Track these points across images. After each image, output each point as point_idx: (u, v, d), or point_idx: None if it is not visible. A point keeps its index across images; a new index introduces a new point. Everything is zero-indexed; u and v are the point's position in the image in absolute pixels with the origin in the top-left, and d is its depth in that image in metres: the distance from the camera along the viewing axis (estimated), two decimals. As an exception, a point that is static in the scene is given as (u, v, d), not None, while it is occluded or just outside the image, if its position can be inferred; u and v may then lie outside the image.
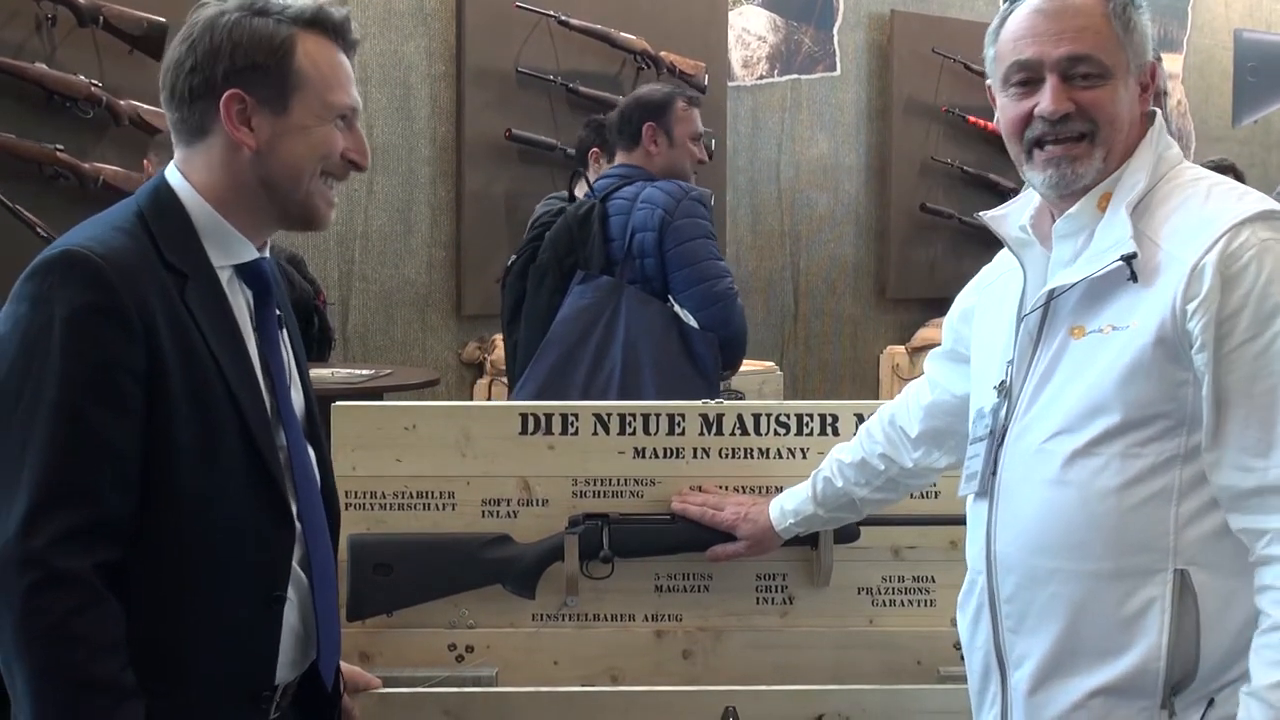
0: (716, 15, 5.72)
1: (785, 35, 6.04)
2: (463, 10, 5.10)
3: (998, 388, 1.69)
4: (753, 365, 4.86)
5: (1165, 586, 1.52)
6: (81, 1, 4.23)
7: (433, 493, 2.21)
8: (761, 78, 5.99)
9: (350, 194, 4.93)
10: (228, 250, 1.59)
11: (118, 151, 4.37)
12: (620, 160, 3.41)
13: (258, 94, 1.56)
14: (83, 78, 4.27)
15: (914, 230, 6.31)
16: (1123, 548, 1.54)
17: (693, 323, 3.19)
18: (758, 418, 2.24)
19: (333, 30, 1.61)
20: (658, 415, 2.24)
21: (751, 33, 5.95)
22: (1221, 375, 1.49)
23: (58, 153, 4.23)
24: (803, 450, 2.23)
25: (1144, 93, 1.64)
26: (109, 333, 1.44)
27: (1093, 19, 1.60)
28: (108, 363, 1.44)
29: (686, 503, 2.19)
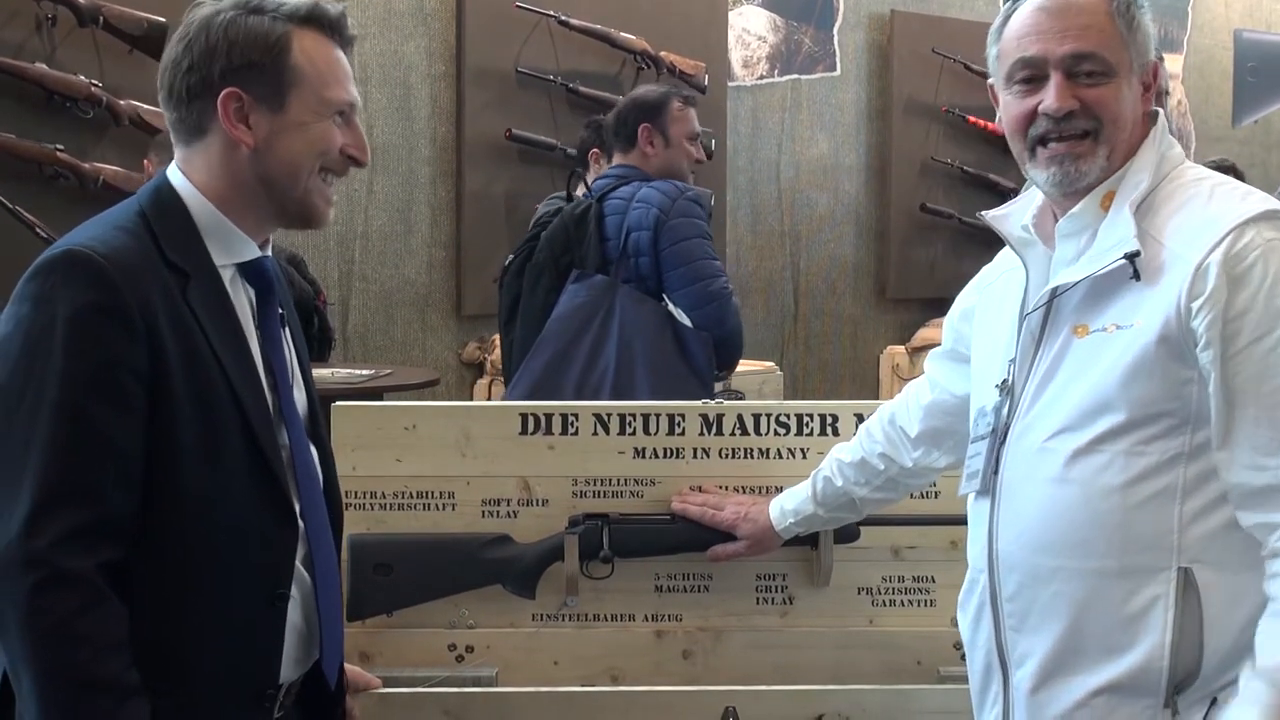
0: (716, 15, 5.72)
1: (785, 35, 6.04)
2: (463, 10, 5.09)
3: (999, 386, 1.69)
4: (753, 365, 4.86)
5: (1169, 585, 1.52)
6: (81, 1, 4.22)
7: (433, 493, 2.21)
8: (761, 78, 5.99)
9: (350, 194, 4.93)
10: (230, 249, 1.59)
11: (118, 151, 4.36)
12: (617, 161, 3.41)
13: (255, 92, 1.56)
14: (83, 78, 4.27)
15: (914, 230, 6.31)
16: (1126, 546, 1.54)
17: (687, 322, 3.19)
18: (758, 418, 2.24)
19: (328, 26, 1.61)
20: (658, 415, 2.24)
21: (751, 33, 5.95)
22: (1230, 375, 1.49)
23: (58, 153, 4.23)
24: (803, 450, 2.23)
25: (1146, 92, 1.65)
26: (111, 332, 1.44)
27: (1097, 17, 1.60)
28: (110, 362, 1.44)
29: (686, 503, 2.19)
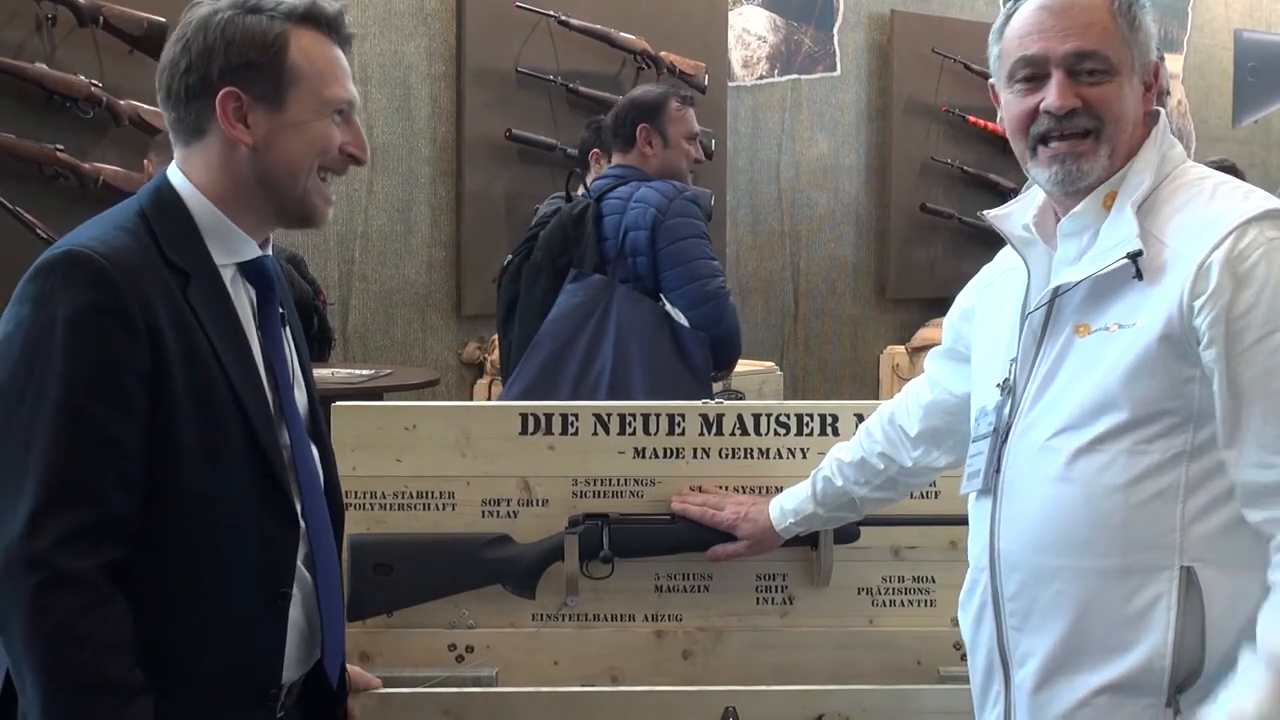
0: (716, 15, 5.72)
1: (785, 35, 6.04)
2: (463, 10, 5.09)
3: (1001, 386, 1.69)
4: (753, 365, 4.86)
5: (1171, 584, 1.52)
6: (81, 1, 4.22)
7: (433, 493, 2.21)
8: (761, 78, 5.98)
9: (350, 194, 4.93)
10: (230, 248, 1.59)
11: (118, 151, 4.36)
12: (616, 161, 3.41)
13: (253, 91, 1.55)
14: (83, 78, 4.26)
15: (914, 230, 6.31)
16: (1128, 545, 1.54)
17: (684, 321, 3.19)
18: (758, 418, 2.24)
19: (326, 25, 1.60)
20: (658, 415, 2.24)
21: (751, 33, 5.95)
22: (1237, 373, 1.49)
23: (58, 153, 4.22)
24: (803, 450, 2.23)
25: (1148, 92, 1.65)
26: (112, 332, 1.44)
27: (1099, 16, 1.60)
28: (111, 362, 1.44)
29: (686, 503, 2.19)
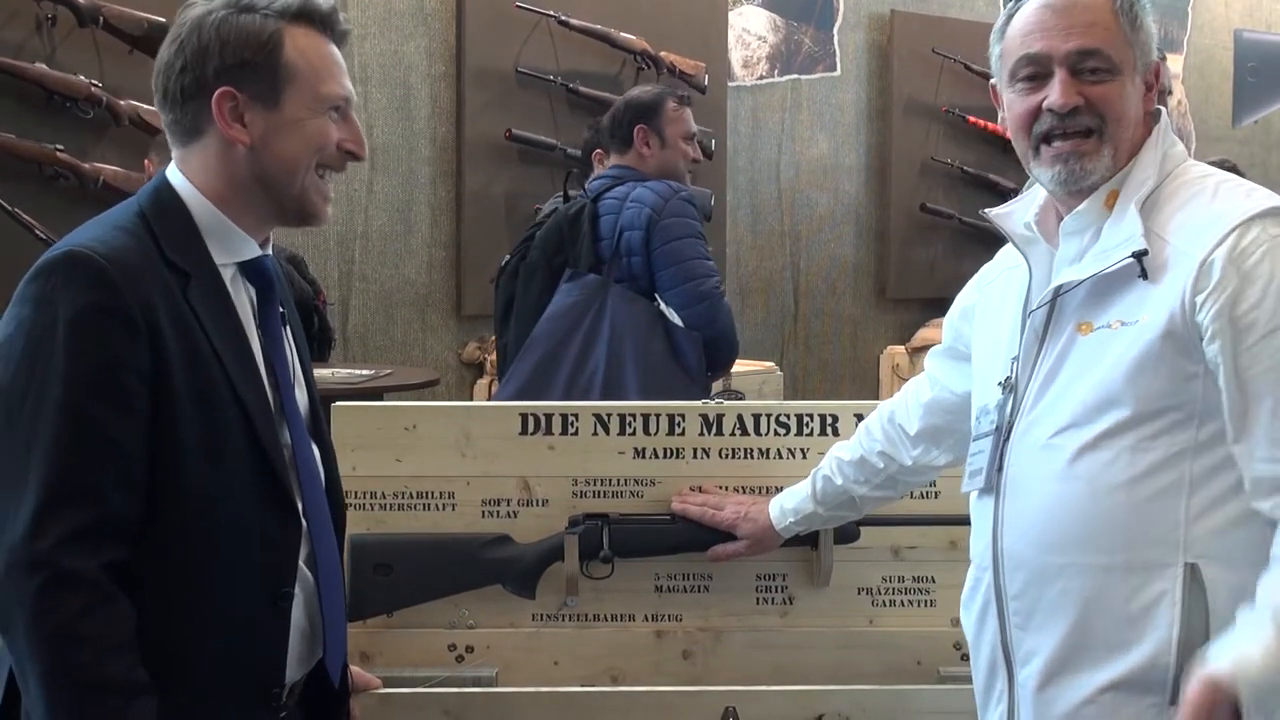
0: (716, 15, 5.71)
1: (785, 35, 6.04)
2: (463, 10, 5.09)
3: (1002, 384, 1.69)
4: (753, 365, 4.86)
5: (1175, 581, 1.52)
6: (81, 1, 4.22)
7: (433, 493, 2.21)
8: (761, 78, 5.98)
9: (350, 194, 4.93)
10: (230, 248, 1.59)
11: (118, 152, 4.36)
12: (614, 162, 3.41)
13: (249, 90, 1.55)
14: (83, 78, 4.26)
15: (914, 230, 6.30)
16: (1132, 542, 1.54)
17: (678, 321, 3.19)
18: (758, 418, 2.24)
19: (320, 22, 1.60)
20: (658, 415, 2.24)
21: (751, 33, 5.95)
22: (1243, 369, 1.49)
23: (58, 153, 4.22)
24: (803, 450, 2.23)
25: (1149, 92, 1.65)
26: (113, 333, 1.44)
27: (1101, 15, 1.61)
28: (112, 362, 1.44)
29: (686, 503, 2.19)
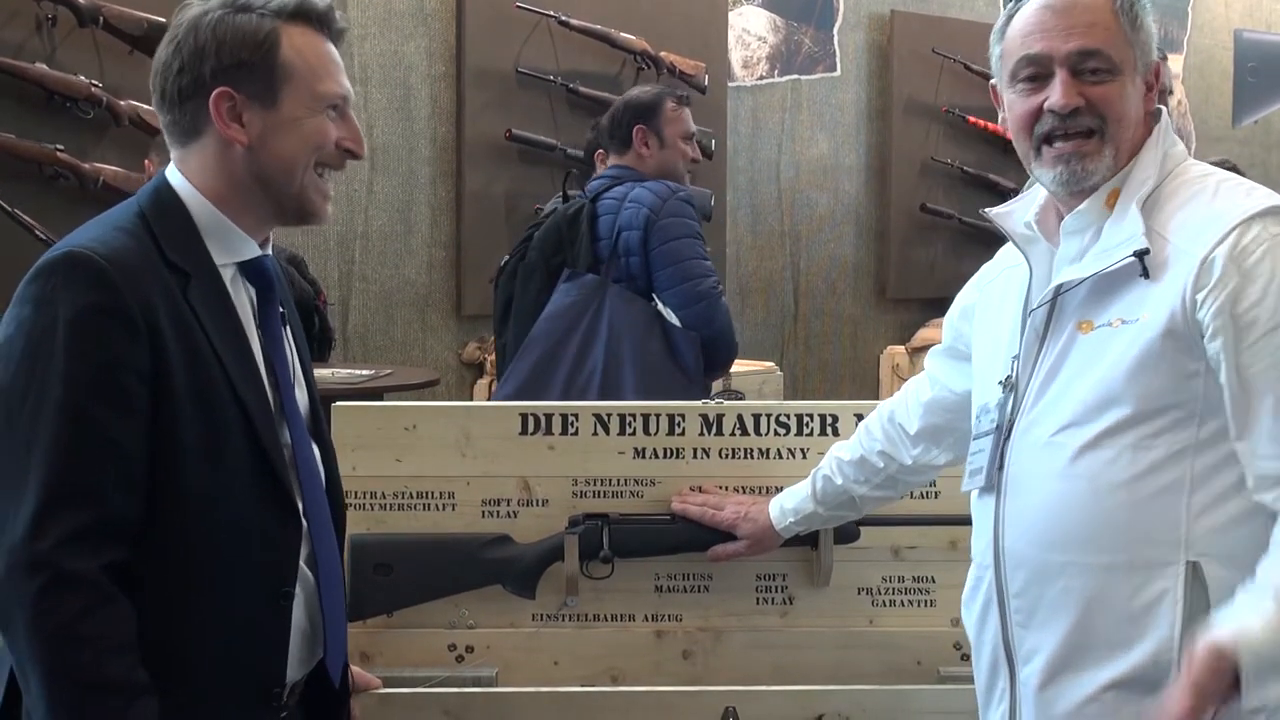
0: (716, 15, 5.71)
1: (785, 35, 6.04)
2: (463, 10, 5.09)
3: (1003, 383, 1.69)
4: (753, 365, 4.86)
5: (1177, 579, 1.52)
6: (81, 1, 4.21)
7: (433, 493, 2.21)
8: (762, 78, 5.98)
9: (350, 194, 4.92)
10: (230, 248, 1.59)
11: (118, 152, 4.36)
12: (613, 162, 3.41)
13: (246, 90, 1.55)
14: (83, 78, 4.26)
15: (914, 230, 6.30)
16: (1134, 540, 1.54)
17: (676, 322, 3.19)
18: (758, 418, 2.24)
19: (317, 20, 1.60)
20: (658, 415, 2.24)
21: (751, 33, 5.95)
22: (1245, 366, 1.49)
23: (58, 153, 4.22)
24: (803, 450, 2.23)
25: (1149, 91, 1.65)
26: (113, 333, 1.44)
27: (1101, 15, 1.61)
28: (112, 363, 1.44)
29: (686, 503, 2.19)
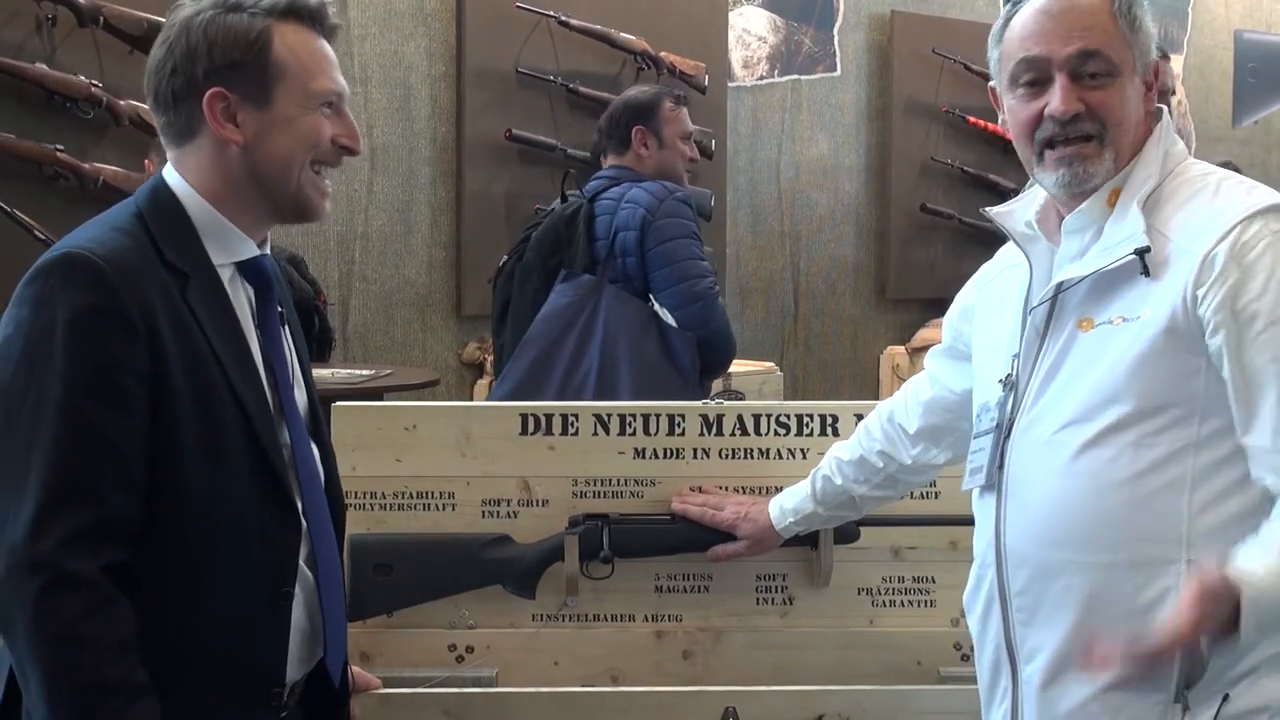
0: (716, 15, 5.71)
1: (785, 36, 6.04)
2: (463, 10, 5.09)
3: (1003, 381, 1.69)
4: (753, 365, 4.86)
5: (1179, 578, 1.51)
6: (81, 1, 4.21)
7: (433, 493, 2.21)
8: (762, 78, 5.98)
9: (350, 194, 4.92)
10: (228, 248, 1.59)
11: (118, 152, 4.36)
12: (611, 163, 3.41)
13: (240, 90, 1.55)
14: (83, 78, 4.26)
15: (914, 230, 6.30)
16: (1135, 539, 1.54)
17: (672, 322, 3.19)
18: (758, 418, 2.24)
19: (309, 17, 1.59)
20: (658, 416, 2.24)
21: (751, 33, 5.95)
22: (1249, 361, 1.49)
23: (58, 153, 4.22)
24: (803, 450, 2.23)
25: (1149, 91, 1.65)
26: (111, 334, 1.44)
27: (1099, 18, 1.61)
28: (110, 364, 1.44)
29: (686, 503, 2.19)
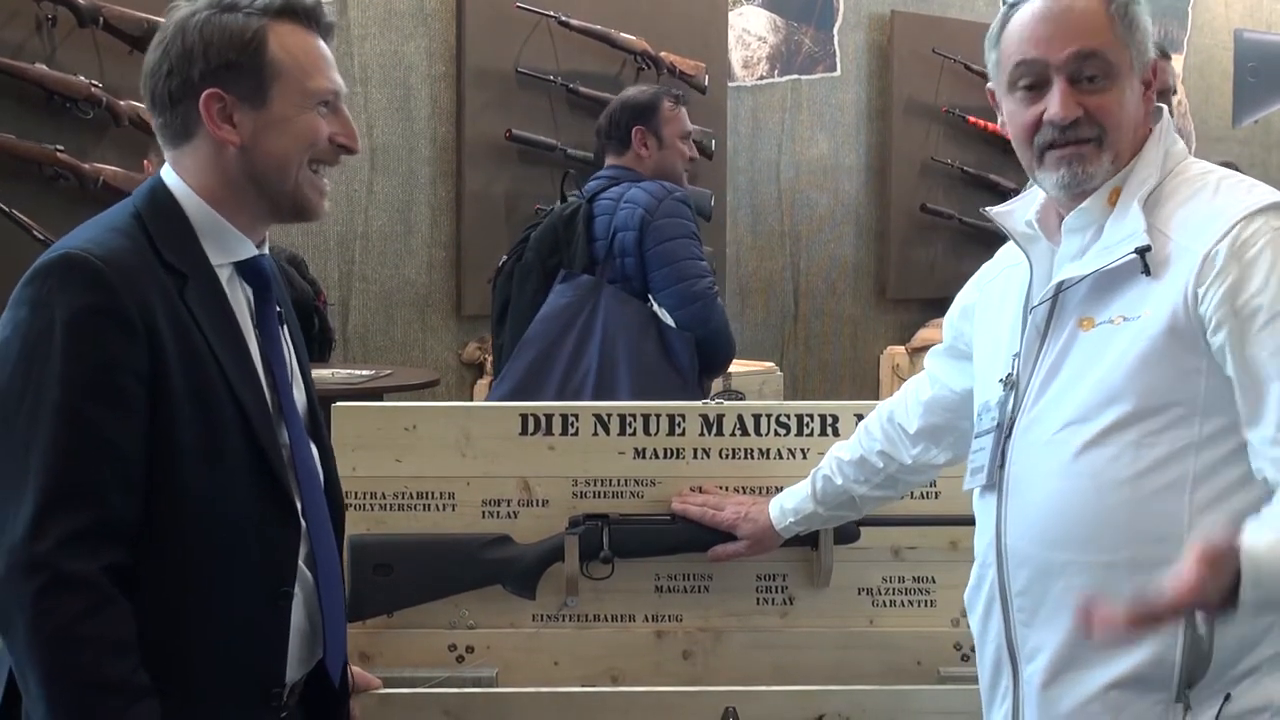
0: (716, 15, 5.71)
1: (785, 36, 6.04)
2: (463, 10, 5.09)
3: (1004, 381, 1.69)
4: (753, 365, 4.86)
5: None
6: (81, 2, 4.21)
7: (433, 493, 2.21)
8: (762, 78, 5.98)
9: (350, 194, 4.92)
10: (226, 248, 1.59)
11: (118, 152, 4.35)
12: (611, 163, 3.41)
13: (236, 91, 1.55)
14: (83, 78, 4.26)
15: (914, 230, 6.30)
16: (1137, 538, 1.54)
17: (671, 322, 3.19)
18: (758, 418, 2.24)
19: (304, 16, 1.59)
20: (658, 416, 2.23)
21: (751, 33, 5.95)
22: (1252, 355, 1.48)
23: (58, 153, 4.22)
24: (803, 451, 2.23)
25: (1148, 90, 1.65)
26: (110, 334, 1.44)
27: (1096, 19, 1.60)
28: (109, 364, 1.44)
29: (686, 503, 2.19)
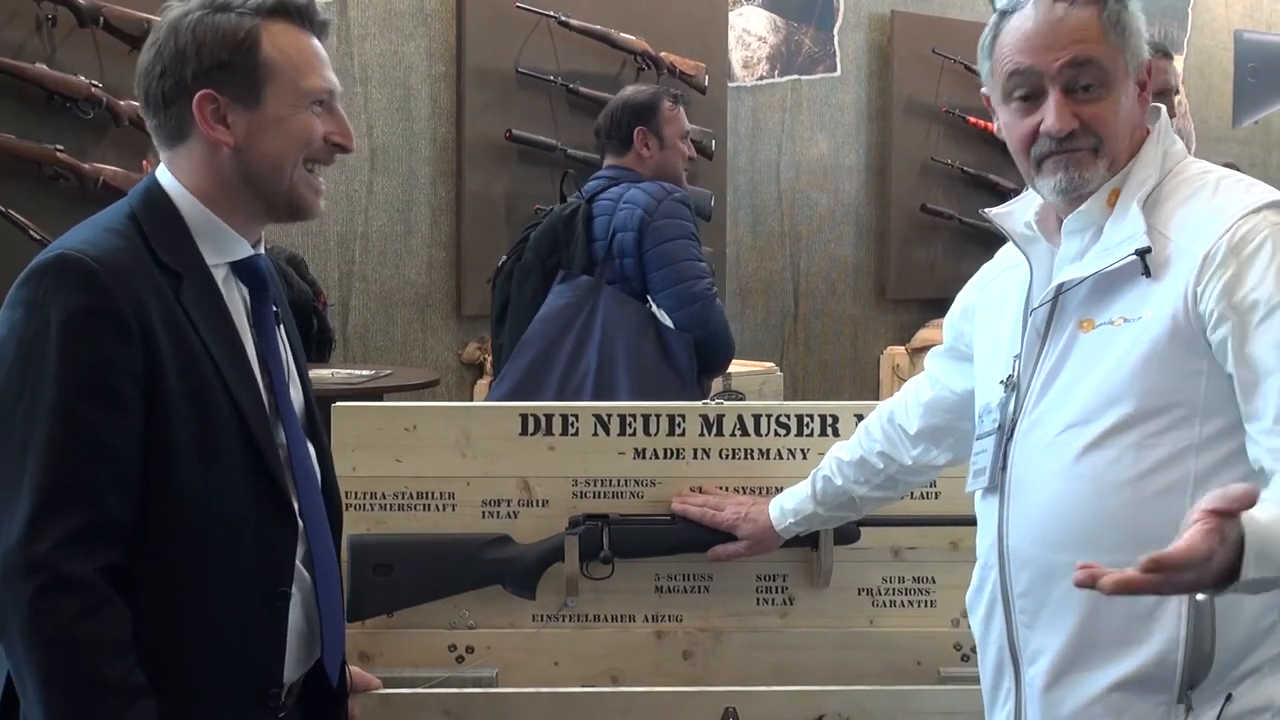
0: (716, 15, 5.71)
1: (785, 36, 6.03)
2: (463, 10, 5.09)
3: (1004, 383, 1.69)
4: (753, 366, 4.86)
5: None
6: (81, 1, 4.21)
7: (433, 493, 2.21)
8: (762, 78, 5.98)
9: (350, 194, 4.92)
10: (221, 248, 1.59)
11: (118, 152, 4.35)
12: (611, 163, 3.41)
13: (229, 91, 1.54)
14: (83, 78, 4.25)
15: (914, 230, 6.30)
16: (1138, 540, 1.52)
17: (670, 323, 3.19)
18: (758, 418, 2.24)
19: (297, 15, 1.58)
20: (658, 416, 2.23)
21: (752, 33, 5.95)
22: (1252, 349, 1.47)
23: (58, 153, 4.21)
24: (803, 451, 2.23)
25: (1143, 91, 1.64)
26: (105, 335, 1.44)
27: (1089, 28, 1.59)
28: (104, 365, 1.44)
29: (686, 503, 2.19)
